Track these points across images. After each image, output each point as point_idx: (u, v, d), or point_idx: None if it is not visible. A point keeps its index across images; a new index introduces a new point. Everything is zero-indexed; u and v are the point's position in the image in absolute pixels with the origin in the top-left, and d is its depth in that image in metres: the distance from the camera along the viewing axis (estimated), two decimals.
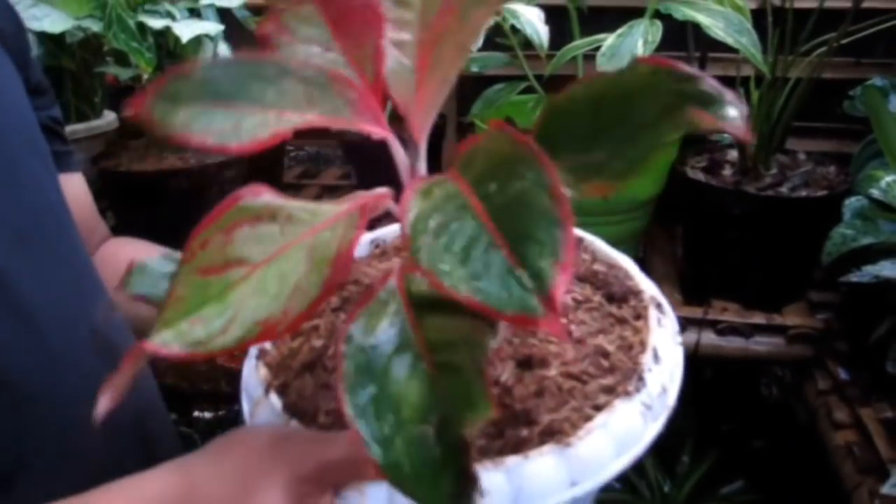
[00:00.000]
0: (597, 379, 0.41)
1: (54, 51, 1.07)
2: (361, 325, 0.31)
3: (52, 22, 1.02)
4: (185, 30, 0.99)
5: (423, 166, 0.38)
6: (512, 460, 0.36)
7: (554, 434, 0.38)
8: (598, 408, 0.39)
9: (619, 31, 0.93)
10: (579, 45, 0.98)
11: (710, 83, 0.32)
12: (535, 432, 0.38)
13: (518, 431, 0.38)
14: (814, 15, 0.94)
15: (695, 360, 0.94)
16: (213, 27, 1.04)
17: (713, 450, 1.19)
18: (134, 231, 0.83)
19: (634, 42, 0.91)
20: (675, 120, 0.32)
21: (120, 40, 1.00)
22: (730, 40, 0.89)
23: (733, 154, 1.03)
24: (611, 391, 0.40)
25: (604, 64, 0.90)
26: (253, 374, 0.45)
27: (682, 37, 1.23)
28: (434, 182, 0.31)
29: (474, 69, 1.07)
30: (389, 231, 0.55)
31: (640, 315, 0.46)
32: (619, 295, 0.48)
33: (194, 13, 1.12)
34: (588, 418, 0.38)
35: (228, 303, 0.31)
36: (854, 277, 0.77)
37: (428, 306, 0.32)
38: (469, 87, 1.18)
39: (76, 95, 1.17)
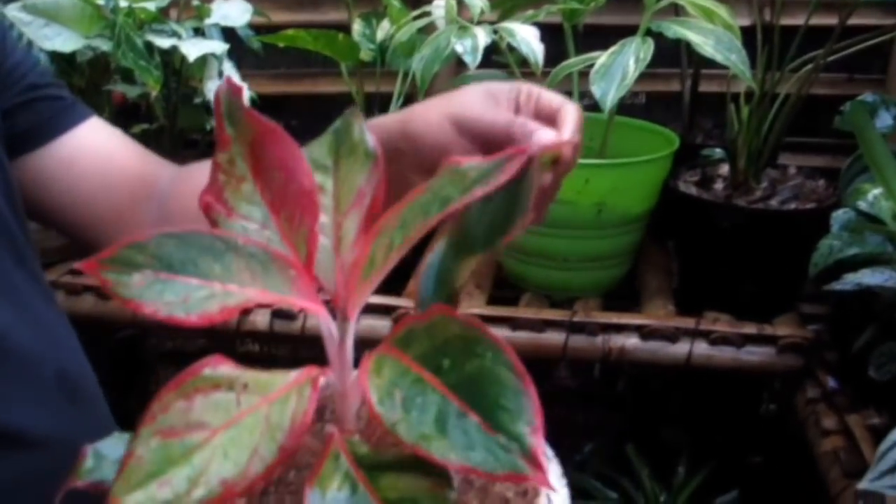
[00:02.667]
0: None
1: (65, 69, 1.11)
2: (318, 491, 0.33)
3: (64, 41, 1.05)
4: (192, 49, 1.02)
5: (350, 343, 0.40)
6: None
7: None
8: None
9: (612, 49, 0.95)
10: (574, 63, 1.01)
11: None
12: None
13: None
14: (801, 32, 0.97)
15: (687, 371, 0.97)
16: (218, 46, 1.07)
17: (708, 461, 1.20)
18: None
19: (626, 60, 0.94)
20: None
21: (128, 59, 1.03)
22: (719, 58, 0.92)
23: (725, 169, 1.06)
24: None
25: (597, 81, 0.92)
26: None
27: (675, 54, 1.27)
28: (378, 359, 0.34)
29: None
30: None
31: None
32: None
33: (199, 32, 1.16)
34: None
35: (192, 465, 0.33)
36: (837, 286, 0.79)
37: (377, 467, 0.34)
38: None
39: None
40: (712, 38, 0.94)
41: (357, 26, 1.22)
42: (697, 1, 0.99)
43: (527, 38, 0.98)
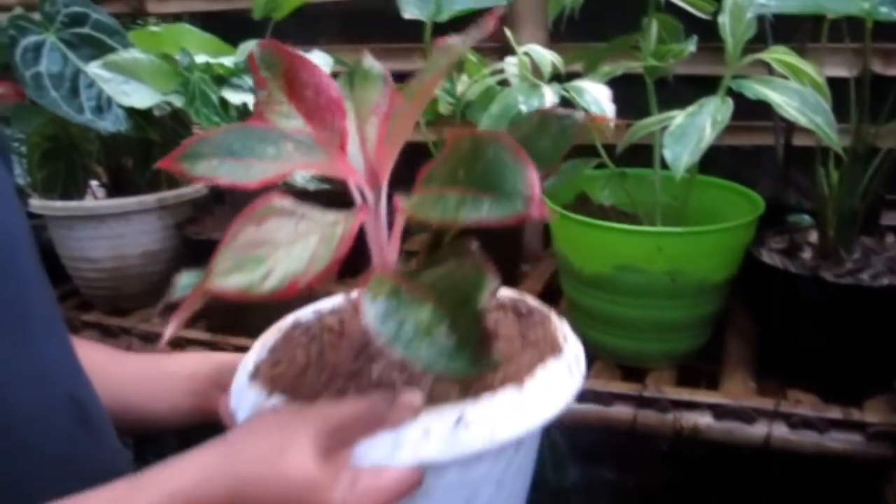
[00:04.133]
0: (529, 350, 0.59)
1: (141, 124, 1.13)
2: (369, 297, 0.45)
3: (141, 98, 1.08)
4: None
5: (383, 204, 0.55)
6: (485, 397, 0.52)
7: (510, 381, 0.53)
8: (534, 367, 0.55)
9: (689, 109, 0.91)
10: (649, 123, 0.96)
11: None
12: (497, 379, 0.54)
13: (485, 378, 0.54)
14: None
15: (765, 455, 0.90)
16: None
17: None
18: (212, 298, 0.90)
19: (703, 122, 0.88)
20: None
21: (202, 115, 1.05)
22: (803, 120, 0.86)
23: (815, 235, 0.99)
24: (541, 358, 0.57)
25: (670, 145, 0.88)
26: (247, 391, 0.58)
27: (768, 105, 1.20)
28: (409, 196, 0.50)
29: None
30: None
31: (545, 319, 0.65)
32: (527, 311, 0.67)
33: None
34: (531, 372, 0.55)
35: (265, 265, 0.45)
36: None
37: (413, 275, 0.48)
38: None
39: None
40: (797, 98, 0.88)
41: None
42: (784, 58, 0.93)
43: (597, 97, 0.94)
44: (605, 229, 0.94)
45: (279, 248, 0.46)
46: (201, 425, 0.70)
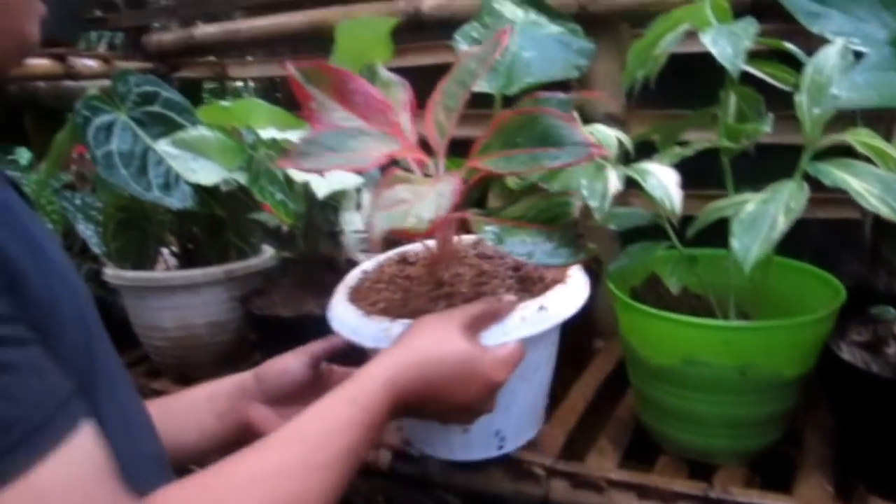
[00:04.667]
0: (545, 280, 0.89)
1: (207, 200, 1.15)
2: (478, 226, 0.78)
3: (207, 174, 1.09)
4: (322, 186, 1.03)
5: (442, 170, 0.80)
6: (550, 292, 0.83)
7: (558, 282, 0.86)
8: (566, 275, 0.88)
9: (762, 195, 0.86)
10: (721, 206, 0.92)
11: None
12: (550, 281, 0.87)
13: (532, 287, 0.87)
14: None
15: None
16: (351, 181, 1.06)
17: None
18: None
19: (776, 210, 0.83)
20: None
21: (266, 193, 1.05)
22: (884, 210, 0.79)
23: None
24: (566, 272, 0.88)
25: (739, 235, 0.83)
26: (367, 325, 0.81)
27: None
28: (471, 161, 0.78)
29: (612, 226, 1.03)
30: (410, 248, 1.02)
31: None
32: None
33: None
34: (565, 278, 0.87)
35: (407, 211, 0.67)
36: None
37: (500, 210, 0.82)
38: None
39: (235, 235, 1.24)
40: (878, 185, 0.82)
41: None
42: (869, 140, 0.87)
43: (664, 181, 0.90)
44: (669, 320, 0.89)
45: (412, 203, 0.67)
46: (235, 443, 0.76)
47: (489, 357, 0.74)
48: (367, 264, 0.99)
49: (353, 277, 0.95)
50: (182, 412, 0.84)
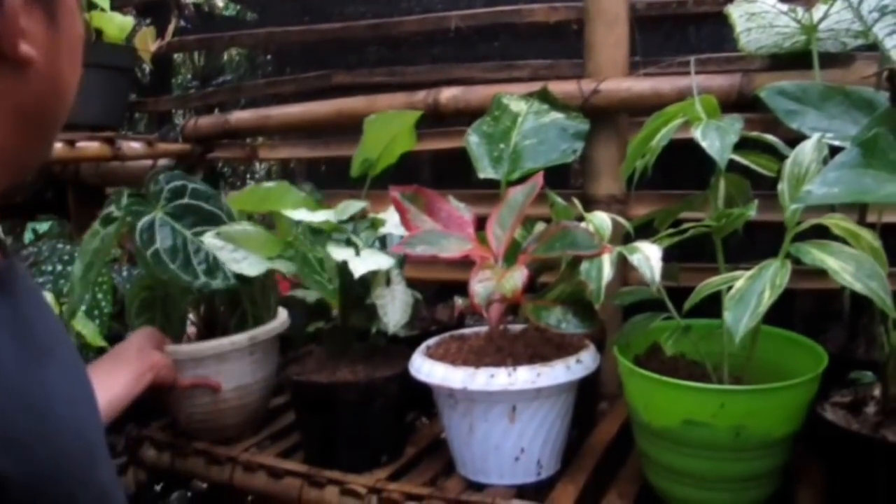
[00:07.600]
0: (569, 345, 1.20)
1: (245, 279, 1.27)
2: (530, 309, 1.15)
3: (250, 265, 1.21)
4: (360, 266, 1.14)
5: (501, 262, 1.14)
6: (578, 354, 1.15)
7: (583, 349, 1.17)
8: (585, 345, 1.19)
9: (750, 273, 0.97)
10: (713, 283, 1.03)
11: None
12: (576, 348, 1.18)
13: (575, 345, 1.20)
14: None
15: None
16: (385, 262, 1.17)
17: None
18: (310, 433, 1.29)
19: (762, 287, 0.94)
20: None
21: (311, 281, 1.18)
22: (858, 286, 0.90)
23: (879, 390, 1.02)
24: (579, 348, 1.18)
25: (731, 308, 0.94)
26: (434, 368, 1.14)
27: None
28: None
29: (617, 302, 1.15)
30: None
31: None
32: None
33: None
34: (587, 347, 1.18)
35: (491, 283, 1.07)
36: None
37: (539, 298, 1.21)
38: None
39: (252, 303, 1.37)
40: (852, 263, 0.93)
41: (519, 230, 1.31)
42: (843, 223, 0.99)
43: (648, 256, 1.02)
44: (670, 385, 1.00)
45: (494, 281, 1.06)
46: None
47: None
48: (430, 341, 1.26)
49: (421, 350, 1.23)
50: None
